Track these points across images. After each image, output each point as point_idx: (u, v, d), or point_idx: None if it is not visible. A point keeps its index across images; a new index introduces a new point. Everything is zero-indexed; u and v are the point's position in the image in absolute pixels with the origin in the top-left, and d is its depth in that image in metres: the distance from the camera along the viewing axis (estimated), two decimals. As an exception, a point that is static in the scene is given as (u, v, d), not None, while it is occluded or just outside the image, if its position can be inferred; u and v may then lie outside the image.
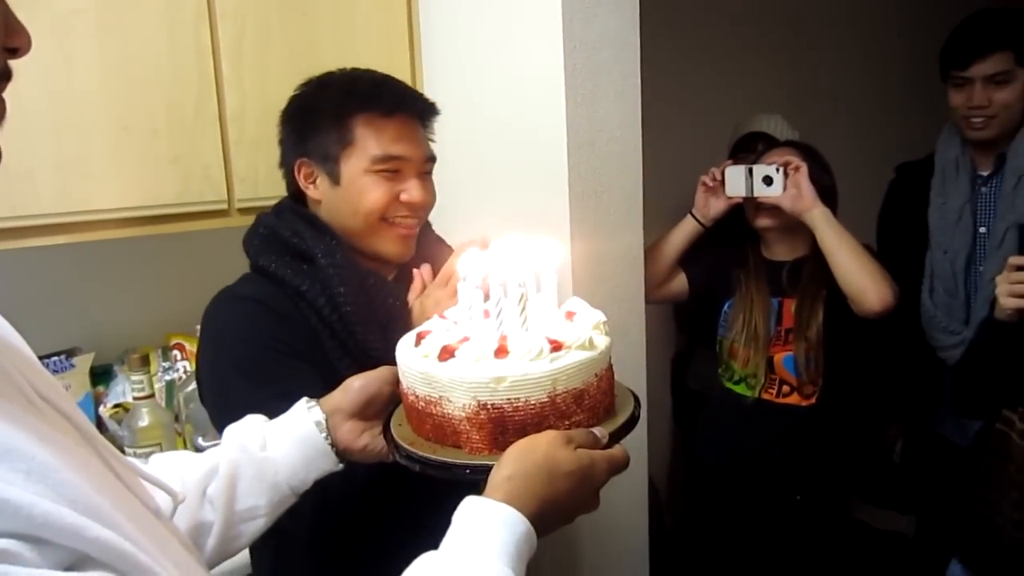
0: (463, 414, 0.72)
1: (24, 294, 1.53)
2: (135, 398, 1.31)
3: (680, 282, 1.83)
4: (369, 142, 1.04)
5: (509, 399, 0.70)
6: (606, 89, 1.44)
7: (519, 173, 1.49)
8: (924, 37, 2.20)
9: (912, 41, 2.87)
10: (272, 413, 0.86)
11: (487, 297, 0.76)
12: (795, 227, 1.68)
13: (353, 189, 1.04)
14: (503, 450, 0.70)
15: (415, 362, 0.75)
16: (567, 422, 0.73)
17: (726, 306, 1.81)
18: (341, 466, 0.84)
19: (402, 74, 1.55)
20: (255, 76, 1.39)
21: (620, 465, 0.70)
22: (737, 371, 1.77)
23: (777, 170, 1.64)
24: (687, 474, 2.09)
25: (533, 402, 0.71)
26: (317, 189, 1.08)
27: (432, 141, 1.13)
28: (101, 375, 1.56)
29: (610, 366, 0.79)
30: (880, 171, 2.00)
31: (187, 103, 1.34)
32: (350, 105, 1.04)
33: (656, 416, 2.12)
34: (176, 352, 1.59)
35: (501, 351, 0.72)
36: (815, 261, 1.67)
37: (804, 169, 1.62)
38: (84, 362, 1.50)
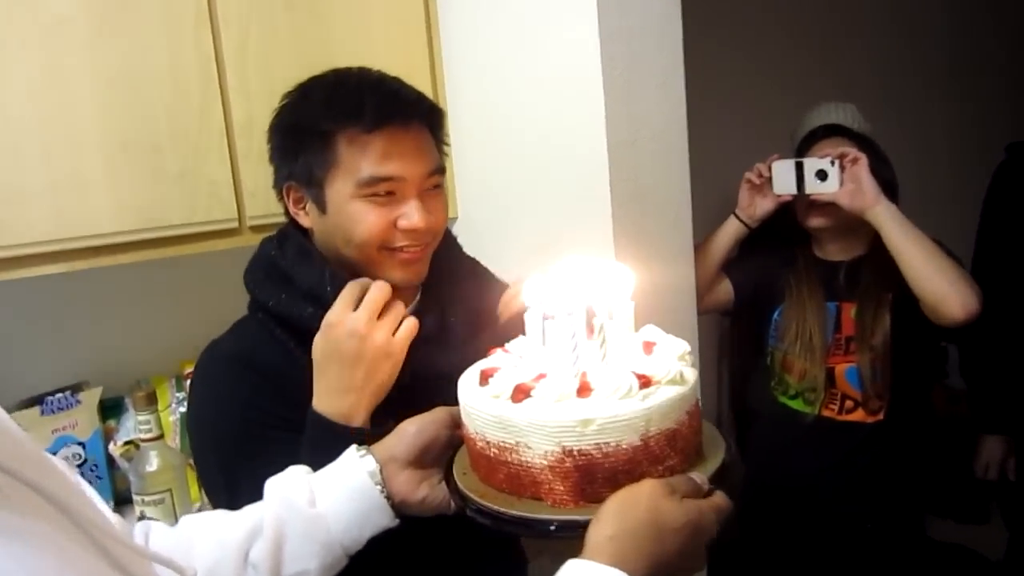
0: (545, 462, 0.68)
1: (22, 327, 1.52)
2: (142, 440, 1.27)
3: (725, 289, 1.80)
4: (353, 163, 0.94)
5: (598, 444, 0.67)
6: (647, 82, 1.41)
7: (554, 177, 1.45)
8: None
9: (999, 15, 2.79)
10: (245, 494, 0.82)
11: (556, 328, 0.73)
12: (852, 225, 1.64)
13: (341, 218, 0.95)
14: (590, 502, 0.68)
15: (485, 404, 0.72)
16: (660, 467, 0.70)
17: (776, 314, 1.77)
18: (398, 521, 0.80)
19: (421, 74, 1.53)
20: (262, 83, 1.36)
21: (726, 514, 0.67)
22: (792, 385, 1.73)
23: (832, 163, 1.59)
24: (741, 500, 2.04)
25: (625, 446, 0.68)
26: (307, 216, 1.00)
27: (445, 145, 1.05)
28: (112, 408, 1.53)
29: (697, 402, 0.76)
30: (968, 158, 1.94)
31: (190, 115, 1.32)
32: (330, 120, 0.95)
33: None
34: (190, 382, 1.57)
35: (584, 389, 0.69)
36: (876, 260, 1.63)
37: (864, 160, 1.57)
38: (91, 397, 1.48)
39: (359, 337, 0.90)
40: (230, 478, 0.91)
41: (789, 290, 1.74)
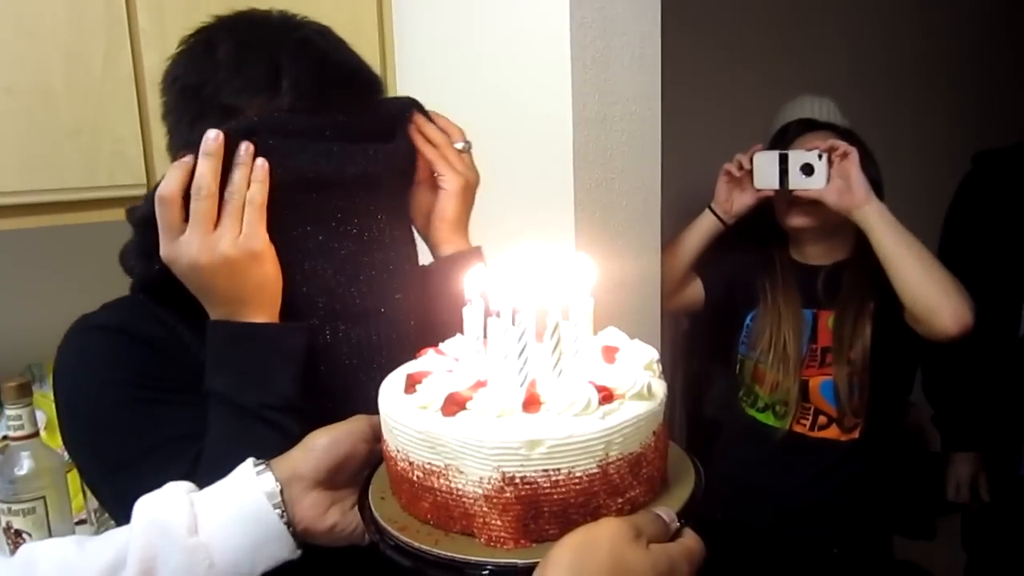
0: (480, 491, 0.57)
1: None
2: (12, 439, 1.12)
3: (695, 289, 1.72)
4: None
5: (547, 471, 0.56)
6: (620, 52, 1.31)
7: (512, 155, 1.35)
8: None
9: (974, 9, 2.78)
10: (154, 472, 0.71)
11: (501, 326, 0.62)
12: (836, 226, 1.56)
13: None
14: (533, 541, 0.57)
15: (410, 417, 0.60)
16: (620, 500, 0.59)
17: (748, 319, 1.70)
18: (299, 553, 0.68)
19: (368, 28, 1.41)
20: (180, 27, 1.20)
21: (699, 561, 0.57)
22: (762, 397, 1.66)
23: (819, 156, 1.51)
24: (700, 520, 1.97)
25: (579, 474, 0.57)
26: None
27: None
28: (-7, 396, 1.38)
29: (666, 420, 0.65)
30: (934, 165, 1.90)
31: (92, 59, 1.17)
32: (238, 93, 0.81)
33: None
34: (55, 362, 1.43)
35: (531, 403, 0.58)
36: (859, 266, 1.56)
37: (854, 155, 1.50)
38: (-36, 383, 1.32)
39: (201, 267, 0.76)
40: (118, 461, 0.77)
41: (764, 294, 1.67)
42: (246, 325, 0.78)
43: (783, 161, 1.55)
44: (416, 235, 0.94)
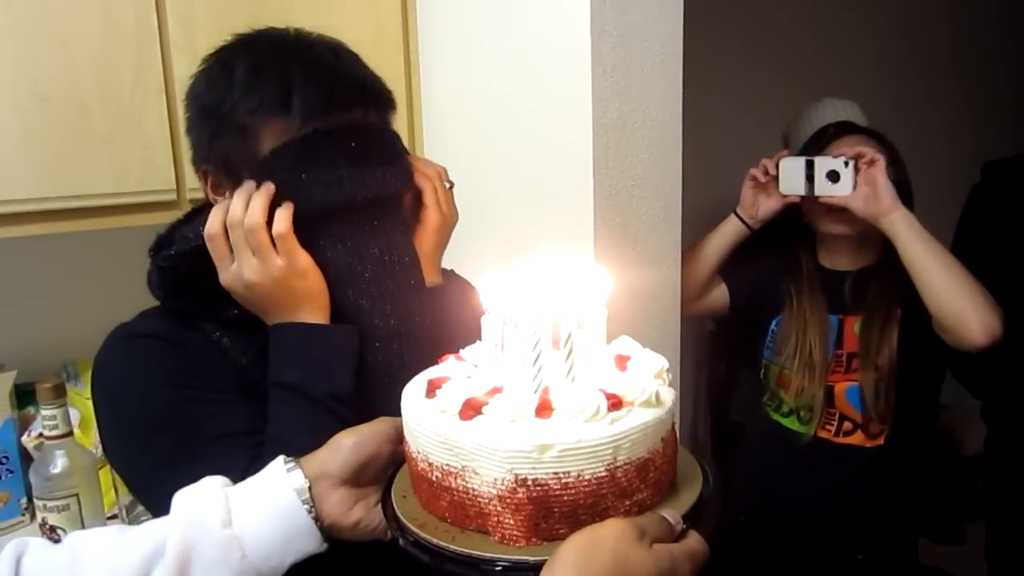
0: (494, 491, 0.62)
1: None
2: (47, 438, 1.20)
3: (720, 294, 1.75)
4: None
5: (557, 473, 0.61)
6: (641, 58, 1.35)
7: (532, 161, 1.40)
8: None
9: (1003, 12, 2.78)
10: (212, 467, 0.76)
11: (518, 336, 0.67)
12: (866, 234, 1.59)
13: None
14: (544, 540, 0.62)
15: (429, 420, 0.66)
16: (628, 502, 0.64)
17: (773, 324, 1.73)
18: (326, 546, 0.74)
19: (393, 36, 1.47)
20: (209, 36, 1.26)
21: (702, 562, 0.62)
22: (787, 402, 1.69)
23: (846, 164, 1.54)
24: (723, 524, 2.01)
25: (587, 477, 0.62)
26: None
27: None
28: (30, 395, 1.45)
29: (674, 427, 0.70)
30: (959, 172, 1.91)
31: (123, 70, 1.25)
32: (251, 112, 0.87)
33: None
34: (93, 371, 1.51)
35: (544, 408, 0.63)
36: (886, 272, 1.59)
37: (881, 162, 1.52)
38: (3, 382, 1.42)
39: (253, 285, 0.87)
40: (173, 459, 0.83)
41: (789, 299, 1.70)
42: (310, 325, 0.88)
43: (809, 167, 1.58)
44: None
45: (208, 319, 0.93)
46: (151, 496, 0.91)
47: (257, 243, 0.86)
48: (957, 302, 1.46)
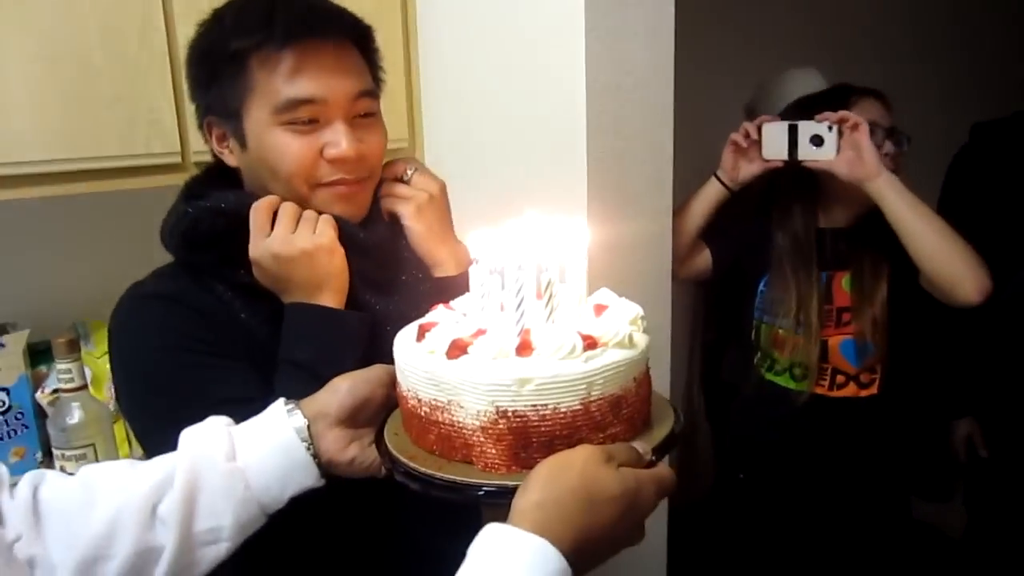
0: (477, 423, 0.68)
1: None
2: (63, 391, 1.26)
3: (703, 258, 1.78)
4: (268, 86, 0.91)
5: (535, 405, 0.67)
6: (635, 22, 1.39)
7: (526, 122, 1.44)
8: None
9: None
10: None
11: (502, 284, 0.73)
12: (852, 194, 1.62)
13: (263, 151, 0.94)
14: (523, 468, 0.68)
15: (418, 360, 0.71)
16: (602, 435, 0.70)
17: (761, 285, 1.77)
18: (323, 481, 0.80)
19: (391, 3, 1.50)
20: (212, 1, 1.32)
21: (668, 488, 0.68)
22: (780, 360, 1.74)
23: (830, 128, 1.56)
24: (717, 481, 2.07)
25: (563, 410, 0.67)
26: (232, 154, 0.99)
27: (380, 70, 1.02)
28: (43, 353, 1.51)
29: (647, 369, 0.76)
30: (953, 137, 1.93)
31: (129, 30, 1.28)
32: (241, 40, 0.91)
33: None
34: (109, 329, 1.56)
35: (524, 347, 0.68)
36: (871, 227, 1.63)
37: (865, 127, 1.54)
38: (17, 340, 1.47)
39: (285, 259, 0.92)
40: (172, 420, 0.85)
41: (776, 260, 1.73)
42: (326, 309, 0.94)
43: (792, 132, 1.60)
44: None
45: (220, 279, 0.97)
46: (157, 452, 0.96)
47: (305, 215, 0.93)
48: (950, 263, 1.49)
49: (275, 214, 0.94)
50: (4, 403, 1.39)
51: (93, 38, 1.25)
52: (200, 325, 0.93)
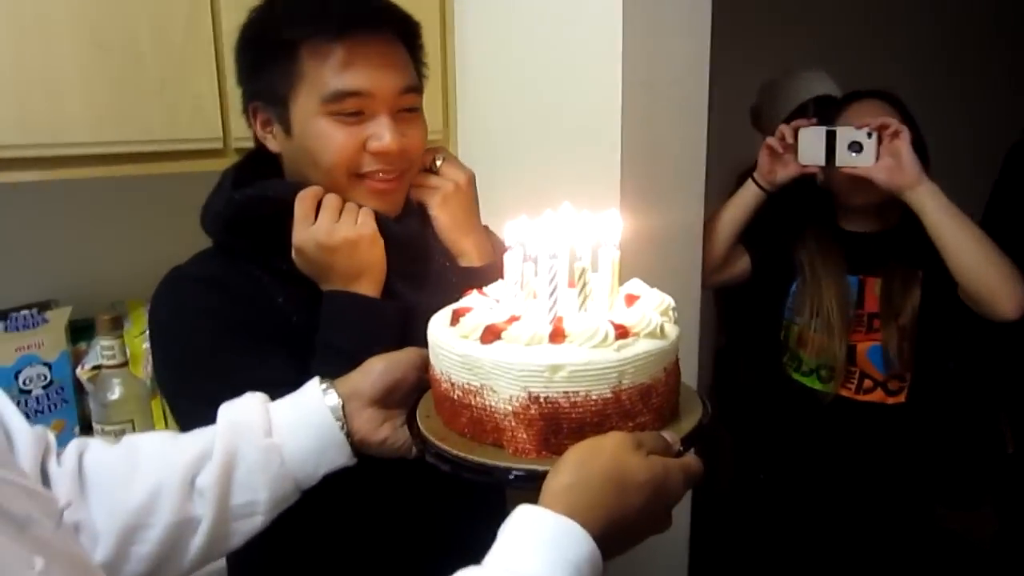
0: (509, 408, 0.70)
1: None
2: (105, 367, 1.29)
3: (742, 262, 1.76)
4: (317, 76, 0.93)
5: (567, 392, 0.68)
6: (671, 19, 1.39)
7: (562, 116, 1.45)
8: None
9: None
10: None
11: (535, 272, 0.74)
12: (887, 200, 1.60)
13: (307, 139, 0.96)
14: (553, 453, 0.69)
15: (452, 343, 0.73)
16: (631, 423, 0.71)
17: (792, 287, 1.77)
18: (355, 460, 0.82)
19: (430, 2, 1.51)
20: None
21: (696, 477, 0.69)
22: (807, 361, 1.73)
23: (869, 135, 1.53)
24: (735, 482, 2.07)
25: (595, 397, 0.69)
26: (275, 140, 1.01)
27: (423, 65, 1.04)
28: (83, 330, 1.56)
29: (677, 360, 0.77)
30: (989, 137, 1.92)
31: (176, 20, 1.31)
32: (292, 28, 0.94)
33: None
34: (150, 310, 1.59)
35: (557, 334, 0.70)
36: (906, 233, 1.61)
37: (905, 134, 1.51)
38: (59, 316, 1.51)
39: (328, 248, 0.94)
40: (211, 400, 0.85)
41: (804, 264, 1.72)
42: (365, 298, 0.96)
43: (830, 138, 1.57)
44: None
45: (259, 265, 0.99)
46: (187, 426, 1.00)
47: (348, 206, 0.96)
48: (988, 277, 1.47)
49: (319, 204, 0.96)
50: (46, 377, 1.43)
51: (142, 26, 1.28)
52: (238, 308, 0.95)
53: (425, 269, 1.04)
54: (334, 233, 0.94)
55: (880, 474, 1.71)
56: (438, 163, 1.06)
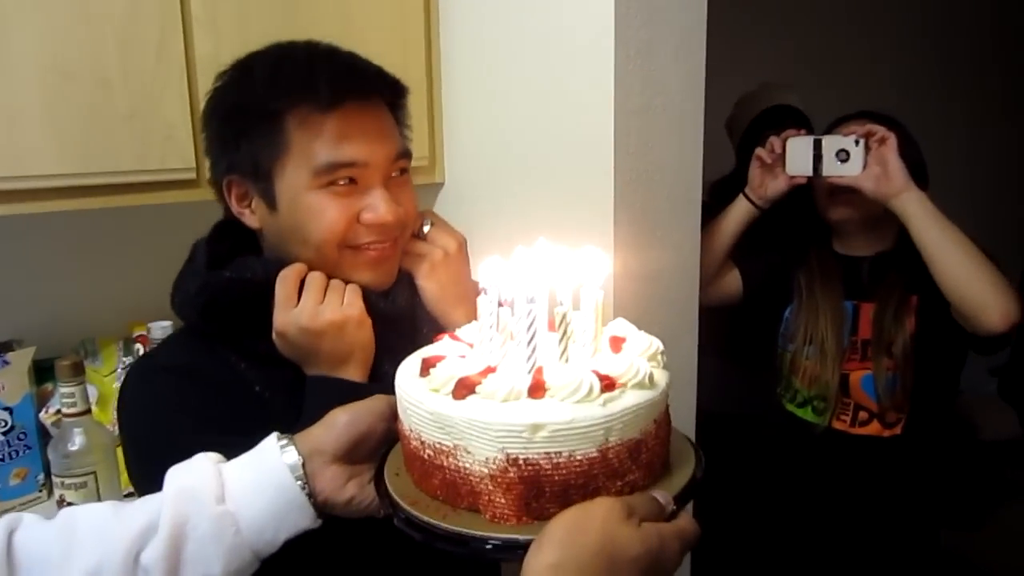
0: (486, 470, 0.63)
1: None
2: (65, 415, 1.22)
3: (733, 280, 1.72)
4: (307, 148, 0.88)
5: (548, 453, 0.61)
6: (665, 42, 1.34)
7: (552, 145, 1.39)
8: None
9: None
10: None
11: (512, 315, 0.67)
12: (879, 217, 1.56)
13: (296, 214, 0.90)
14: (535, 519, 0.62)
15: (422, 397, 0.66)
16: (619, 483, 0.64)
17: (787, 312, 1.71)
18: (320, 522, 0.75)
19: (415, 18, 1.48)
20: (232, 15, 1.30)
21: (692, 542, 0.62)
22: (801, 391, 1.67)
23: (856, 143, 1.49)
24: (725, 516, 2.00)
25: (579, 457, 0.62)
26: (254, 215, 0.94)
27: (407, 128, 0.99)
28: (50, 370, 1.48)
29: (667, 409, 0.70)
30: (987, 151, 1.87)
31: (146, 46, 1.25)
32: (278, 98, 0.88)
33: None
34: (139, 345, 1.54)
35: (537, 388, 0.63)
36: (902, 257, 1.56)
37: (892, 141, 1.48)
38: (22, 357, 1.43)
39: (312, 332, 0.88)
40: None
41: (800, 288, 1.67)
42: (350, 384, 0.90)
43: (817, 147, 1.53)
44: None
45: (235, 349, 0.93)
46: None
47: (332, 285, 0.90)
48: (975, 288, 1.42)
49: (302, 283, 0.90)
50: (6, 423, 1.36)
51: (109, 51, 1.23)
52: (214, 401, 0.90)
53: (414, 344, 0.97)
54: (319, 316, 0.88)
55: (878, 506, 1.64)
56: (425, 229, 1.00)
